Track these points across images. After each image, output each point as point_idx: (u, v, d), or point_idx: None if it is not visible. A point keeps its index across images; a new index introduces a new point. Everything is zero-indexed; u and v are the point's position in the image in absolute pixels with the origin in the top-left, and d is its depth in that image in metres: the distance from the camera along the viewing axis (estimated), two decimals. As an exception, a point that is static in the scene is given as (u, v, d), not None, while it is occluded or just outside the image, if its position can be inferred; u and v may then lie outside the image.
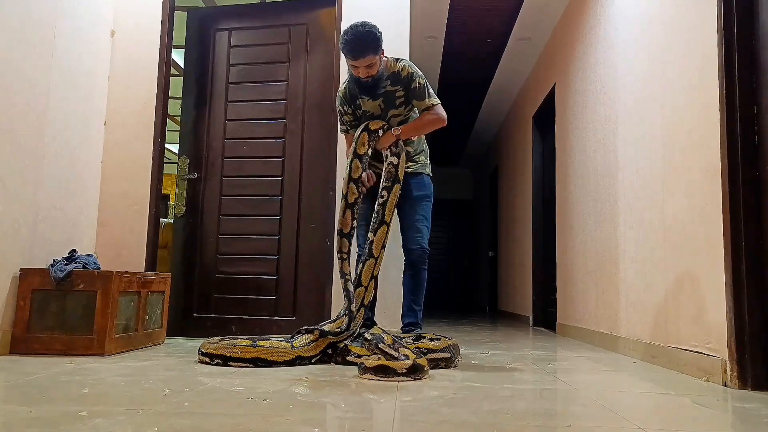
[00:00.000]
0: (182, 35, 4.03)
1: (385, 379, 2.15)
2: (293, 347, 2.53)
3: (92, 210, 3.53)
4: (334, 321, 2.72)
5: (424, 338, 2.73)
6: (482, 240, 9.86)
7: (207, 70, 3.95)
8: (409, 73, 2.86)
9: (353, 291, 2.76)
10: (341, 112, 3.03)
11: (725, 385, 2.18)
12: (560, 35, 4.91)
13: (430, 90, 2.90)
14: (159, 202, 3.69)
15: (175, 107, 4.49)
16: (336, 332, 2.64)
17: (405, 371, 2.17)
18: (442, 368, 2.50)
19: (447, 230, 10.74)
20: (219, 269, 3.76)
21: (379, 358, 2.28)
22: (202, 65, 3.96)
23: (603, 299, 3.62)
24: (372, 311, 3.04)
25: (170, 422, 1.47)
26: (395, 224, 3.08)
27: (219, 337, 2.73)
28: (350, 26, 2.75)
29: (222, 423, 1.48)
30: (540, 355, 3.17)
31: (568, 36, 4.62)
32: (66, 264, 2.81)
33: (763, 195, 2.18)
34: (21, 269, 2.77)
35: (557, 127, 4.89)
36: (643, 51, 3.08)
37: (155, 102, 3.70)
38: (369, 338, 2.48)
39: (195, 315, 3.74)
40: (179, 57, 5.19)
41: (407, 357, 2.27)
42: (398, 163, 2.87)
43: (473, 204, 10.98)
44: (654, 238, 2.87)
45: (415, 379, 2.17)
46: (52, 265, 2.79)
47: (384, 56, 2.84)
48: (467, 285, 10.76)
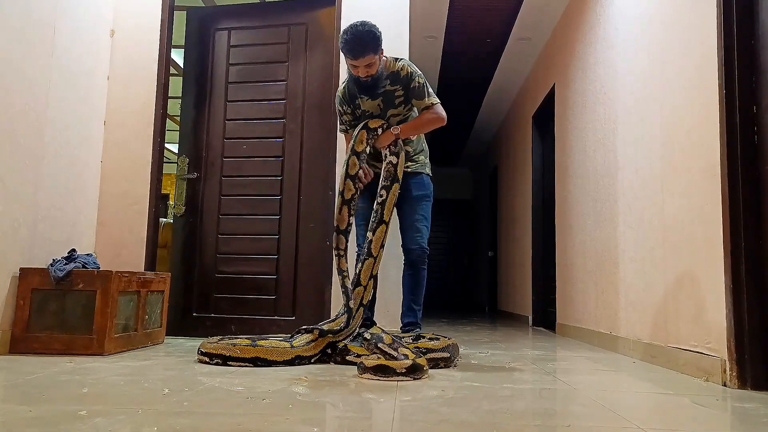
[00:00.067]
0: (182, 35, 4.03)
1: (385, 379, 2.15)
2: (293, 347, 2.53)
3: (92, 210, 3.53)
4: (334, 320, 2.72)
5: (424, 338, 2.73)
6: (482, 240, 9.86)
7: (206, 70, 3.95)
8: (409, 73, 2.86)
9: (351, 289, 2.76)
10: (340, 112, 3.03)
11: (725, 385, 2.18)
12: (560, 35, 4.91)
13: (430, 89, 2.90)
14: (158, 202, 3.69)
15: (175, 107, 4.49)
16: (335, 330, 2.64)
17: (404, 371, 2.17)
18: (442, 368, 2.50)
19: (446, 230, 10.75)
20: (218, 269, 3.76)
21: (379, 358, 2.29)
22: (202, 65, 3.96)
23: (602, 299, 3.62)
24: (371, 311, 3.04)
25: (170, 422, 1.47)
26: (395, 224, 3.08)
27: (218, 337, 2.73)
28: (350, 26, 2.75)
29: (221, 422, 1.48)
30: (539, 355, 3.17)
31: (568, 36, 4.62)
32: (65, 263, 2.81)
33: (763, 195, 2.18)
34: (20, 269, 2.77)
35: (557, 127, 4.89)
36: (643, 51, 3.08)
37: (155, 101, 3.70)
38: (368, 338, 2.48)
39: (194, 315, 3.74)
40: (179, 57, 5.19)
41: (407, 357, 2.27)
42: (397, 163, 2.86)
43: (473, 204, 10.98)
44: (653, 238, 2.88)
45: (415, 379, 2.17)
46: (52, 265, 2.79)
47: (383, 56, 2.84)
48: (467, 285, 10.77)
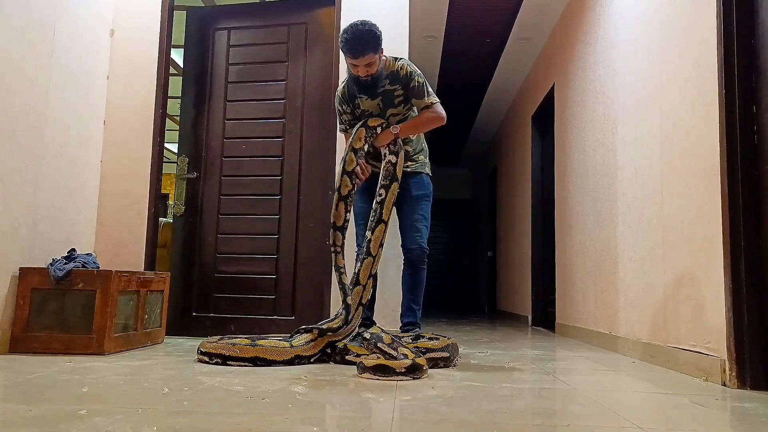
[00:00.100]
0: (181, 35, 4.03)
1: (384, 379, 2.15)
2: (292, 346, 2.53)
3: (91, 209, 3.53)
4: (333, 320, 2.72)
5: (423, 337, 2.73)
6: (481, 240, 9.86)
7: (206, 70, 3.95)
8: (408, 72, 2.86)
9: (348, 285, 2.76)
10: (340, 112, 3.03)
11: (724, 385, 2.18)
12: (560, 35, 4.91)
13: (429, 89, 2.90)
14: (158, 202, 3.69)
15: (175, 107, 4.49)
16: (334, 328, 2.64)
17: (404, 370, 2.17)
18: (441, 368, 2.50)
19: (446, 230, 10.75)
20: (218, 268, 3.76)
21: (378, 358, 2.29)
22: (202, 65, 3.96)
23: (602, 299, 3.62)
24: (371, 311, 3.04)
25: (169, 421, 1.47)
26: (394, 224, 3.08)
27: (218, 337, 2.74)
28: (350, 25, 2.75)
29: (221, 422, 1.48)
30: (539, 355, 3.17)
31: (568, 36, 4.63)
32: (65, 263, 2.81)
33: (763, 194, 2.18)
34: (20, 268, 2.77)
35: (556, 127, 4.89)
36: (643, 51, 3.08)
37: (154, 101, 3.70)
38: (368, 337, 2.48)
39: (194, 314, 3.74)
40: (178, 56, 5.19)
41: (406, 356, 2.27)
42: (396, 162, 2.86)
43: (472, 204, 10.98)
44: (653, 238, 2.88)
45: (414, 379, 2.17)
46: (52, 264, 2.79)
47: (383, 55, 2.84)
48: (466, 285, 10.77)
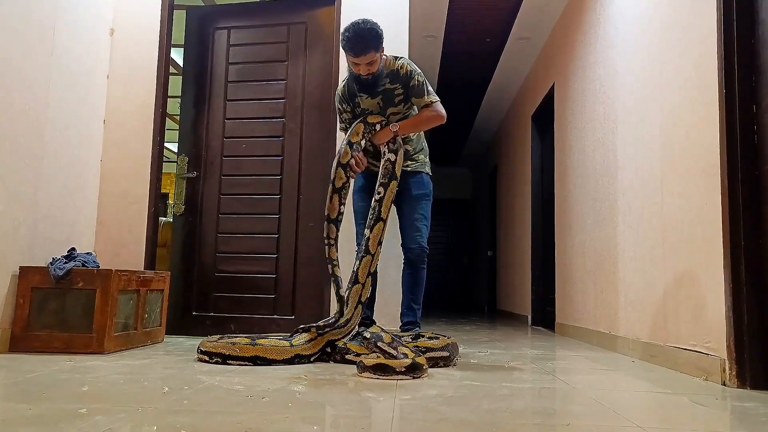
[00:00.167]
0: (181, 34, 4.02)
1: (384, 378, 2.15)
2: (292, 346, 2.53)
3: (91, 209, 3.53)
4: (331, 320, 2.71)
5: (423, 337, 2.73)
6: (481, 239, 9.86)
7: (206, 69, 3.95)
8: (408, 71, 2.87)
9: (341, 277, 2.78)
10: (340, 110, 3.03)
11: (724, 385, 2.18)
12: (560, 35, 4.91)
13: (429, 87, 2.90)
14: (158, 201, 3.70)
15: (175, 106, 4.49)
16: (331, 323, 2.65)
17: (404, 370, 2.17)
18: (441, 367, 2.50)
19: (446, 230, 10.75)
20: (218, 268, 3.76)
21: (378, 357, 2.29)
22: (202, 64, 3.96)
23: (602, 298, 3.63)
24: (371, 310, 3.04)
25: (169, 420, 1.47)
26: (395, 223, 3.09)
27: (218, 336, 2.74)
28: (352, 23, 2.75)
29: (221, 421, 1.48)
30: (539, 355, 3.17)
31: (568, 35, 4.63)
32: (65, 262, 2.81)
33: (763, 194, 2.18)
34: (20, 267, 2.77)
35: (556, 127, 4.89)
36: (643, 51, 3.08)
37: (154, 101, 3.70)
38: (368, 337, 2.48)
39: (194, 313, 3.74)
40: (178, 56, 5.19)
41: (406, 356, 2.27)
42: (395, 160, 2.86)
43: (472, 204, 10.98)
44: (653, 237, 2.88)
45: (414, 378, 2.18)
46: (52, 264, 2.79)
47: (383, 54, 2.84)
48: (466, 284, 10.77)
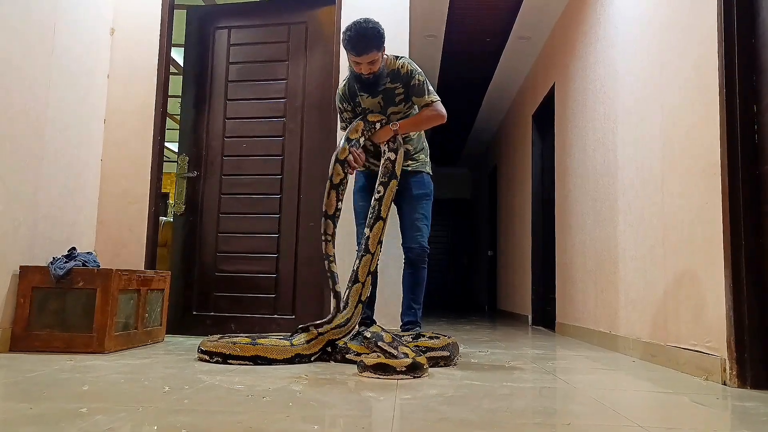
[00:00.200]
0: (182, 33, 4.02)
1: (385, 377, 2.16)
2: (293, 345, 2.53)
3: (92, 208, 3.53)
4: (331, 320, 2.71)
5: (424, 336, 2.73)
6: (481, 239, 9.86)
7: (206, 69, 3.95)
8: (409, 71, 2.87)
9: (337, 273, 2.80)
10: (341, 110, 3.03)
11: (724, 384, 2.18)
12: (560, 34, 4.91)
13: (430, 87, 2.90)
14: (158, 201, 3.70)
15: (175, 106, 4.49)
16: (329, 319, 2.66)
17: (404, 369, 2.17)
18: (442, 366, 2.50)
19: (446, 230, 10.75)
20: (218, 267, 3.76)
21: (379, 356, 2.29)
22: (202, 64, 3.96)
23: (602, 298, 3.63)
24: (371, 310, 3.04)
25: (170, 419, 1.47)
26: (395, 223, 3.09)
27: (218, 335, 2.74)
28: (353, 22, 2.75)
29: (222, 420, 1.48)
30: (539, 354, 3.17)
31: (568, 35, 4.62)
32: (66, 262, 2.81)
33: (763, 194, 2.18)
34: (21, 267, 2.77)
35: (557, 126, 4.89)
36: (643, 51, 3.08)
37: (155, 100, 3.70)
38: (368, 336, 2.48)
39: (194, 313, 3.74)
40: (179, 55, 5.19)
41: (406, 355, 2.27)
42: (395, 159, 2.86)
43: (472, 203, 10.98)
44: (653, 237, 2.88)
45: (415, 377, 2.18)
46: (52, 263, 2.79)
47: (384, 54, 2.84)
48: (466, 284, 10.77)
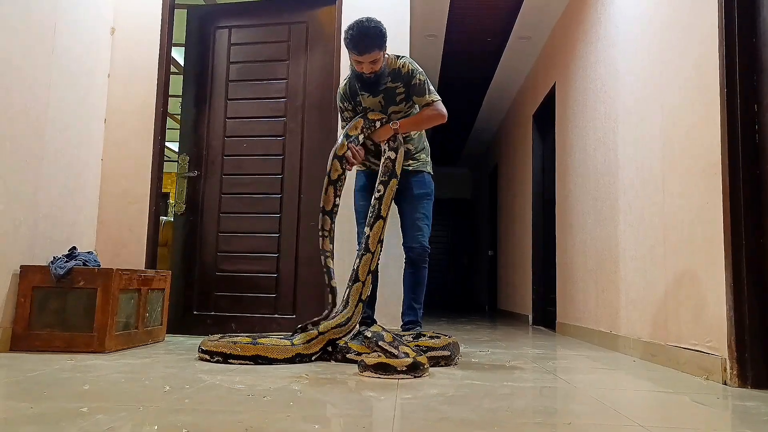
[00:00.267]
0: (182, 33, 4.02)
1: (385, 377, 2.16)
2: (293, 345, 2.53)
3: (92, 208, 3.53)
4: (333, 318, 2.71)
5: (424, 336, 2.73)
6: (482, 239, 9.86)
7: (207, 68, 3.95)
8: (410, 70, 2.87)
9: (333, 269, 2.82)
10: (341, 108, 3.03)
11: (725, 384, 2.18)
12: (560, 34, 4.91)
13: (431, 87, 2.90)
14: (159, 200, 3.70)
15: (175, 105, 4.49)
16: (325, 315, 2.69)
17: (405, 369, 2.17)
18: (442, 366, 2.50)
19: (446, 229, 10.75)
20: (219, 267, 3.76)
21: (379, 356, 2.29)
22: (202, 63, 3.96)
23: (603, 298, 3.62)
24: (372, 309, 3.04)
25: (171, 419, 1.47)
26: (396, 223, 3.09)
27: (219, 335, 2.74)
28: (355, 21, 2.75)
29: (222, 420, 1.48)
30: (540, 354, 3.17)
31: (569, 35, 4.62)
32: (66, 261, 2.81)
33: (764, 193, 2.18)
34: (21, 266, 2.77)
35: (557, 126, 4.89)
36: (643, 50, 3.08)
37: (155, 100, 3.70)
38: (369, 336, 2.48)
39: (195, 313, 3.74)
40: (179, 55, 5.18)
41: (407, 355, 2.27)
42: (396, 158, 2.86)
43: (472, 203, 10.98)
44: (654, 237, 2.88)
45: (415, 377, 2.18)
46: (53, 263, 2.79)
47: (385, 53, 2.84)
48: (467, 284, 10.77)
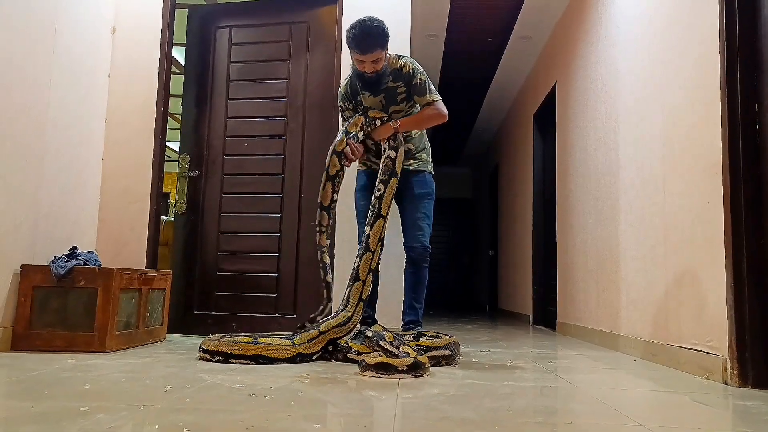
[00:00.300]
0: (183, 33, 4.02)
1: (386, 376, 2.16)
2: (294, 344, 2.53)
3: (93, 207, 3.53)
4: (333, 317, 2.71)
5: (425, 336, 2.73)
6: (482, 239, 9.86)
7: (208, 68, 3.95)
8: (411, 70, 2.87)
9: (329, 264, 2.84)
10: (342, 108, 3.03)
11: (725, 383, 2.18)
12: (561, 33, 4.91)
13: (431, 86, 2.90)
14: (160, 200, 3.70)
15: (176, 105, 4.49)
16: (321, 310, 2.72)
17: (406, 368, 2.17)
18: (443, 366, 2.50)
19: (447, 229, 10.75)
20: (220, 267, 3.76)
21: (380, 356, 2.29)
22: (203, 63, 3.96)
23: (603, 298, 3.62)
24: (372, 309, 3.04)
25: (172, 418, 1.47)
26: (397, 222, 3.08)
27: (220, 335, 2.74)
28: (358, 21, 2.75)
29: (223, 419, 1.48)
30: (540, 354, 3.17)
31: (569, 34, 4.62)
32: (67, 261, 2.81)
33: (765, 193, 2.18)
34: (22, 266, 2.77)
35: (558, 126, 4.89)
36: (644, 50, 3.08)
37: (156, 99, 3.70)
38: (370, 335, 2.48)
39: (196, 312, 3.74)
40: (180, 55, 5.18)
41: (408, 354, 2.27)
42: (396, 157, 2.86)
43: (473, 203, 10.98)
44: (654, 236, 2.88)
45: (416, 377, 2.18)
46: (53, 262, 2.79)
47: (387, 53, 2.84)
48: (467, 284, 10.76)
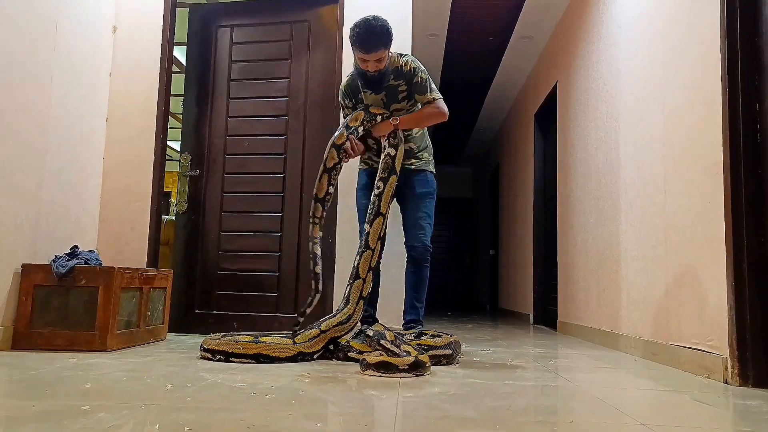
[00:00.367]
0: (184, 32, 4.02)
1: (387, 376, 2.16)
2: (295, 343, 2.53)
3: (94, 206, 3.53)
4: (334, 316, 2.72)
5: (426, 335, 2.73)
6: (483, 238, 9.86)
7: (209, 67, 3.95)
8: (412, 68, 2.87)
9: (320, 255, 2.82)
10: (343, 106, 3.04)
11: (726, 383, 2.18)
12: (562, 33, 4.91)
13: (432, 85, 2.90)
14: (161, 199, 3.70)
15: (177, 104, 4.50)
16: (309, 302, 2.71)
17: (407, 367, 2.18)
18: (444, 365, 2.50)
19: (448, 229, 10.75)
20: (220, 266, 3.76)
21: (381, 355, 2.29)
22: (204, 62, 3.96)
23: (604, 297, 3.62)
24: (373, 308, 3.04)
25: (173, 417, 1.47)
26: (398, 222, 3.09)
27: (221, 334, 2.74)
28: (362, 20, 2.75)
29: (224, 418, 1.48)
30: (541, 353, 3.17)
31: (570, 34, 4.62)
32: (68, 260, 2.81)
33: (765, 193, 2.18)
34: (23, 265, 2.77)
35: (559, 126, 4.89)
36: (644, 50, 3.08)
37: (157, 99, 3.70)
38: (371, 335, 2.48)
39: (196, 311, 3.74)
40: (181, 54, 5.19)
41: (409, 353, 2.27)
42: (395, 155, 2.86)
43: (474, 203, 10.98)
44: (655, 236, 2.88)
45: (417, 376, 2.18)
46: (54, 261, 2.79)
47: (389, 52, 2.85)
48: (468, 283, 10.77)
